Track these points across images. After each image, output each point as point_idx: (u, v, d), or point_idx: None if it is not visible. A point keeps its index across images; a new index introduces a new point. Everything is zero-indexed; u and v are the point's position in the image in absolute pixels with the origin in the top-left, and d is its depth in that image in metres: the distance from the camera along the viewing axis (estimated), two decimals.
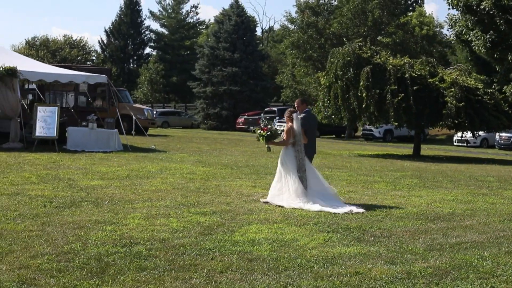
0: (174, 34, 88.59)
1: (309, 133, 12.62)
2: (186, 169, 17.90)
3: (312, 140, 12.86)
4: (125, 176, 15.81)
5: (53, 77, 24.82)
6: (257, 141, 13.40)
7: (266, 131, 12.36)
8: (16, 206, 10.89)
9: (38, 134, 22.51)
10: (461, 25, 35.55)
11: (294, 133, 12.02)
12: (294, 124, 12.08)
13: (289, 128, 12.06)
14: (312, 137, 12.88)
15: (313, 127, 13.17)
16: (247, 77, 59.14)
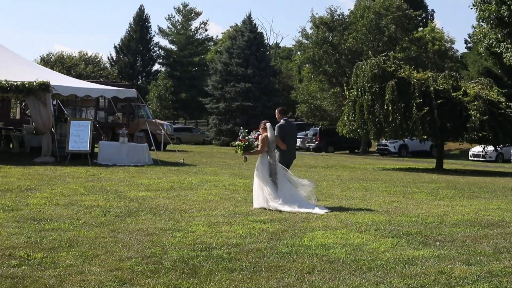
0: (183, 50, 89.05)
1: (287, 139, 13.45)
2: (226, 181, 18.23)
3: (290, 146, 13.73)
4: (169, 187, 16.11)
5: (84, 91, 25.17)
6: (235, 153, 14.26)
7: (243, 142, 13.30)
8: (77, 215, 11.16)
9: (72, 148, 22.80)
10: (491, 38, 35.84)
11: (268, 142, 12.93)
12: (268, 133, 12.98)
13: (263, 137, 12.99)
14: (290, 144, 13.72)
15: (291, 134, 13.97)
16: (260, 92, 59.48)
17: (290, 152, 13.68)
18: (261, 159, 13.14)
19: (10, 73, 23.93)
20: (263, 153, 13.07)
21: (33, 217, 10.85)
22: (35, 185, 15.58)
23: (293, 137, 14.30)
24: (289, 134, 13.69)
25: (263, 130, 13.22)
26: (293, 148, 14.04)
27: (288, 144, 13.49)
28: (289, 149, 13.63)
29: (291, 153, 13.74)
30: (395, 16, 47.56)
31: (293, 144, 14.20)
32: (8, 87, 22.94)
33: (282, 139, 13.28)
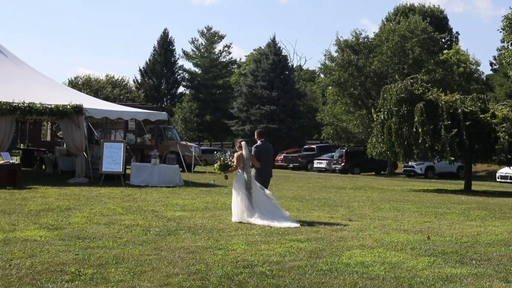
0: (207, 73, 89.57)
1: (263, 158, 14.68)
2: None
3: (266, 165, 14.93)
4: (203, 208, 16.44)
5: (116, 114, 25.64)
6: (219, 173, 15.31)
7: (220, 163, 14.70)
8: (119, 234, 11.49)
9: (105, 169, 23.23)
10: None
11: (244, 159, 14.13)
12: (243, 151, 14.22)
13: (239, 154, 14.20)
14: (266, 162, 14.88)
15: (267, 154, 15.01)
16: (285, 115, 59.87)
17: (265, 170, 14.85)
18: (237, 175, 14.29)
19: (44, 96, 24.47)
20: (238, 169, 14.18)
21: (77, 235, 11.19)
22: (74, 205, 16.00)
23: (269, 156, 15.21)
24: (264, 154, 14.82)
25: (238, 149, 14.42)
26: (268, 166, 15.12)
27: (263, 162, 14.70)
28: (264, 167, 14.80)
29: (266, 171, 14.90)
30: (420, 39, 47.77)
31: (269, 163, 15.20)
32: (43, 110, 23.47)
33: (258, 158, 14.55)
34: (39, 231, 11.50)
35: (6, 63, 27.47)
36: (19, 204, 15.81)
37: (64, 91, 27.53)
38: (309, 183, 30.43)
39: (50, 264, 8.69)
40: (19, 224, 12.39)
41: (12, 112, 22.95)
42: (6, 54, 28.50)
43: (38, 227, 12.01)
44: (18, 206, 15.48)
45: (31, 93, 24.63)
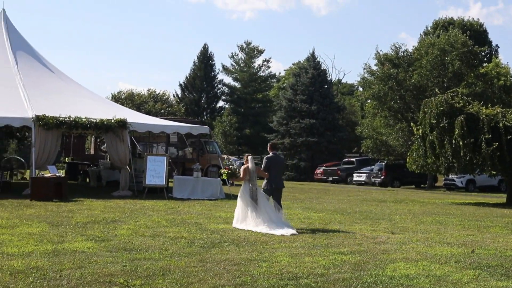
0: (247, 87, 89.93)
1: (272, 169, 15.49)
2: (300, 215, 18.71)
3: (277, 175, 15.77)
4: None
5: (160, 128, 26.01)
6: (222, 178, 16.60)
7: (228, 170, 15.98)
8: (165, 246, 11.70)
9: (149, 183, 23.54)
10: None
11: (249, 171, 15.09)
12: (249, 164, 15.19)
13: (245, 167, 15.20)
14: (276, 173, 15.70)
15: (278, 165, 15.87)
16: (324, 128, 59.90)
17: (275, 179, 15.63)
18: (244, 185, 15.28)
19: (89, 111, 24.92)
20: (245, 181, 15.21)
21: (124, 247, 11.43)
22: (119, 217, 16.29)
23: (279, 168, 16.03)
24: (274, 165, 15.61)
25: (246, 162, 15.42)
26: (278, 177, 15.93)
27: (273, 173, 15.53)
28: (274, 177, 15.61)
29: (275, 181, 15.65)
30: (460, 52, 47.44)
31: (279, 174, 16.02)
32: (88, 124, 23.91)
33: (268, 169, 15.44)
34: (86, 243, 11.76)
35: (53, 79, 28.03)
36: (66, 216, 16.15)
37: (108, 106, 28.03)
38: (349, 196, 30.48)
39: (99, 275, 8.91)
40: (67, 235, 12.68)
41: (59, 126, 23.41)
42: (52, 70, 29.08)
43: (86, 239, 12.28)
44: (65, 218, 15.82)
45: (77, 107, 25.10)
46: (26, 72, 26.92)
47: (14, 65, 27.03)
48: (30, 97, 24.82)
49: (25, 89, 25.40)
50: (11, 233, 12.85)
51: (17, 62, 27.29)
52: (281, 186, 15.99)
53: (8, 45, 28.21)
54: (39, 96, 25.40)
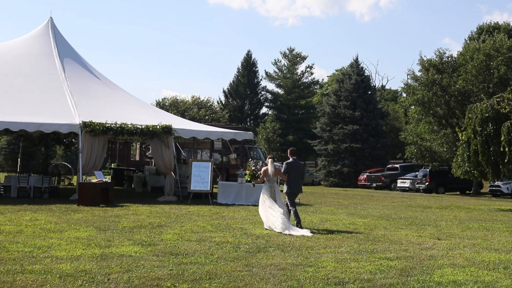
0: (290, 94, 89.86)
1: (291, 174, 16.40)
2: (345, 220, 18.64)
3: (295, 180, 16.55)
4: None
5: (204, 134, 26.18)
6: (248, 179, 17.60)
7: (250, 172, 16.92)
8: (211, 251, 11.78)
9: (193, 188, 23.69)
10: None
11: (268, 173, 16.06)
12: (269, 167, 16.13)
13: (265, 169, 16.22)
14: (295, 178, 16.51)
15: (297, 170, 16.65)
16: (368, 134, 59.60)
17: (294, 184, 16.52)
18: (264, 185, 16.26)
19: (134, 117, 25.20)
20: (265, 182, 16.20)
21: (170, 251, 11.54)
22: (164, 222, 16.45)
23: (298, 172, 16.74)
24: (293, 170, 16.50)
25: (266, 164, 16.57)
26: (297, 181, 16.69)
27: (292, 177, 16.41)
28: (293, 182, 16.49)
29: (294, 185, 16.54)
30: (506, 57, 46.77)
31: (297, 178, 16.72)
32: (134, 131, 24.17)
33: (287, 173, 16.41)
34: (133, 247, 11.91)
35: (99, 86, 28.41)
36: (113, 221, 16.35)
37: (153, 112, 28.31)
38: (394, 202, 30.30)
39: (146, 278, 9.02)
40: (114, 240, 12.85)
41: (105, 132, 23.72)
42: (98, 76, 29.48)
43: (133, 243, 12.42)
44: (112, 223, 16.02)
45: (123, 114, 25.41)
46: (73, 79, 27.35)
47: (62, 72, 27.47)
48: (77, 104, 25.19)
49: (72, 96, 25.79)
50: (59, 237, 13.06)
51: (64, 69, 27.74)
52: (298, 191, 16.88)
53: (56, 52, 28.68)
54: (86, 103, 25.78)
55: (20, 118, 23.19)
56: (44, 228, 14.45)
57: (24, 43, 29.75)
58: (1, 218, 16.56)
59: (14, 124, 22.95)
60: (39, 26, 31.03)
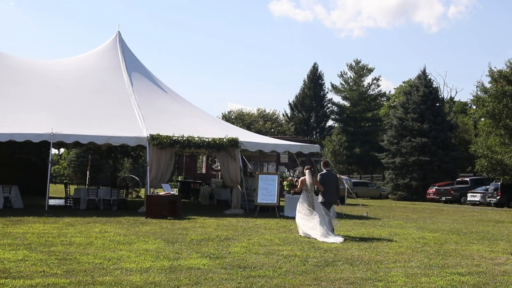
0: (356, 106, 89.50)
1: (326, 184, 17.21)
2: (414, 234, 18.29)
3: (330, 190, 17.30)
4: (359, 239, 16.41)
5: (271, 147, 26.15)
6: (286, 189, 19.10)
7: (288, 182, 18.36)
8: (278, 264, 11.69)
9: (260, 201, 23.65)
10: None
11: (305, 183, 16.94)
12: (307, 177, 17.00)
13: (302, 179, 17.15)
14: (329, 188, 17.29)
15: (330, 181, 17.43)
16: (437, 147, 58.62)
17: (329, 194, 17.29)
18: (302, 194, 17.16)
19: (201, 130, 25.36)
20: (303, 191, 17.07)
21: (238, 264, 11.50)
22: (232, 235, 16.44)
23: (332, 183, 17.48)
24: (327, 181, 17.34)
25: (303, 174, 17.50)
26: (332, 191, 17.42)
27: (326, 188, 17.20)
28: (328, 192, 17.27)
29: (330, 195, 17.32)
30: None
31: (332, 189, 17.42)
32: (201, 143, 24.31)
33: (322, 184, 17.18)
34: (201, 260, 11.90)
35: (166, 99, 28.74)
36: (181, 234, 16.42)
37: (219, 125, 28.45)
38: (464, 216, 29.66)
39: None
40: (183, 252, 12.88)
41: (172, 145, 23.92)
42: (165, 89, 29.81)
43: (201, 256, 12.42)
44: (180, 235, 16.09)
45: (189, 126, 25.62)
46: (141, 93, 27.77)
47: (130, 85, 27.93)
48: (145, 117, 25.51)
49: (140, 109, 26.14)
50: (128, 249, 13.17)
51: (132, 82, 28.19)
52: (333, 200, 17.75)
53: (124, 66, 29.18)
54: (153, 116, 26.09)
55: (89, 131, 23.59)
56: (114, 240, 14.60)
57: (93, 57, 30.39)
58: (72, 230, 16.82)
59: (84, 137, 23.35)
60: (107, 40, 31.68)
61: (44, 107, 25.40)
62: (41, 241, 14.19)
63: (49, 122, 23.41)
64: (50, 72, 28.91)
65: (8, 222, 18.57)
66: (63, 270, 10.43)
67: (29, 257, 11.67)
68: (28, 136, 22.54)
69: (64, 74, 28.86)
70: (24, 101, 25.58)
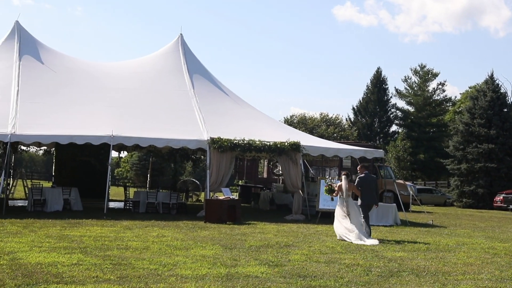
0: (421, 111, 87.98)
1: (364, 187, 17.66)
2: (483, 244, 17.48)
3: (368, 192, 17.74)
4: (425, 249, 15.73)
5: (333, 151, 25.63)
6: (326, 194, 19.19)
7: (328, 187, 18.61)
8: (340, 274, 11.17)
9: (322, 207, 23.08)
10: None
11: (341, 188, 17.39)
12: (343, 182, 17.41)
13: (339, 185, 17.67)
14: (368, 191, 17.72)
15: (368, 184, 17.83)
16: (504, 153, 56.92)
17: (367, 196, 17.72)
18: (339, 199, 17.58)
19: (262, 134, 24.98)
20: (340, 196, 17.49)
21: (297, 273, 11.03)
22: (292, 242, 15.95)
23: (370, 186, 17.87)
24: (366, 184, 17.74)
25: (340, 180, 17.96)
26: (371, 194, 17.82)
27: (364, 191, 17.64)
28: (366, 194, 17.70)
29: (368, 198, 17.74)
30: None
31: (371, 191, 17.82)
32: (262, 147, 23.92)
33: (360, 187, 17.61)
34: (260, 267, 11.47)
35: (227, 102, 28.46)
36: (240, 239, 16.01)
37: (281, 129, 27.99)
38: None
39: None
40: (241, 259, 12.46)
41: (233, 149, 23.61)
42: (227, 92, 29.52)
43: (259, 263, 11.99)
44: (238, 241, 15.68)
45: (251, 130, 25.29)
46: (202, 95, 27.58)
47: (191, 88, 27.77)
48: (206, 120, 25.26)
49: (201, 112, 25.94)
50: (185, 254, 12.82)
51: (193, 85, 28.04)
52: (372, 203, 18.05)
53: (185, 69, 29.07)
54: (214, 119, 25.85)
55: (150, 133, 23.43)
56: (170, 245, 14.28)
57: (156, 59, 30.39)
58: (129, 233, 16.59)
59: (143, 139, 23.22)
60: (169, 43, 31.62)
61: (106, 110, 25.38)
62: (97, 244, 13.97)
63: (110, 125, 23.36)
64: (112, 75, 28.95)
65: (66, 224, 18.49)
66: (116, 275, 10.14)
67: (84, 261, 11.44)
68: (88, 139, 22.50)
69: (127, 76, 28.86)
70: (85, 104, 25.59)
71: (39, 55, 28.30)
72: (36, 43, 29.42)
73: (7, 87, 25.13)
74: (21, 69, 26.50)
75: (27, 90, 25.22)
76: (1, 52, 27.60)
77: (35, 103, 24.46)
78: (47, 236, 15.26)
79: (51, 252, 12.51)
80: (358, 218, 17.15)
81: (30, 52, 28.07)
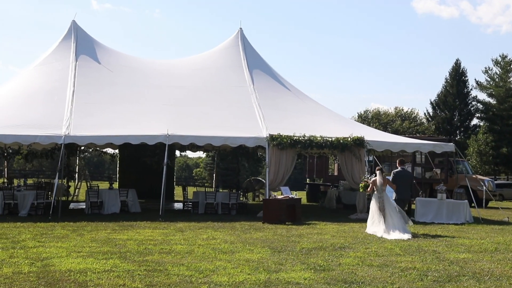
0: (503, 103, 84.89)
1: (399, 182, 18.16)
2: None
3: (403, 188, 18.24)
4: (493, 249, 14.47)
5: (399, 146, 24.53)
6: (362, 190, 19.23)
7: (363, 183, 18.51)
8: (391, 279, 10.23)
9: None
10: None
11: (376, 184, 17.44)
12: (377, 178, 17.49)
13: (374, 180, 17.66)
14: (403, 185, 18.24)
15: (405, 179, 18.38)
16: None
17: (402, 191, 18.20)
18: (374, 195, 17.61)
19: (326, 130, 24.08)
20: (374, 192, 17.52)
21: (344, 278, 10.15)
22: (349, 243, 14.97)
23: (406, 181, 18.39)
24: (401, 179, 18.23)
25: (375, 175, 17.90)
26: (406, 188, 18.34)
27: (400, 185, 18.14)
28: (401, 189, 18.17)
29: (403, 192, 18.24)
30: None
31: (406, 186, 18.35)
32: (323, 143, 23.03)
33: (395, 182, 18.11)
34: (304, 272, 10.62)
35: (289, 97, 27.64)
36: (293, 241, 15.15)
37: (345, 124, 26.90)
38: None
39: None
40: (286, 263, 11.62)
41: (293, 145, 22.78)
42: (289, 88, 28.66)
43: (305, 268, 11.13)
44: (291, 243, 14.82)
45: (313, 126, 24.49)
46: (261, 91, 26.87)
47: (251, 84, 27.12)
48: (265, 116, 24.49)
49: (260, 108, 25.20)
50: (228, 259, 12.07)
51: (253, 81, 27.37)
52: (406, 197, 18.50)
53: (245, 64, 28.46)
54: (274, 115, 25.08)
55: (206, 132, 22.76)
56: (216, 249, 13.53)
57: (215, 55, 29.95)
58: (178, 236, 15.94)
59: (200, 138, 22.55)
60: (229, 38, 31.08)
61: (163, 108, 24.90)
62: (140, 249, 13.33)
63: (166, 124, 22.79)
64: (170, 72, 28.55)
65: (117, 227, 18.00)
66: (145, 283, 9.48)
67: (118, 267, 10.84)
68: (143, 138, 21.97)
69: (184, 74, 28.40)
70: (141, 103, 25.16)
71: (95, 54, 28.10)
72: (93, 42, 29.26)
73: (63, 88, 24.90)
74: (77, 70, 26.29)
75: (82, 90, 24.94)
76: (58, 52, 27.50)
77: (90, 103, 24.14)
78: (92, 240, 14.75)
79: (88, 257, 11.95)
80: (394, 213, 17.15)
81: (87, 52, 27.89)
